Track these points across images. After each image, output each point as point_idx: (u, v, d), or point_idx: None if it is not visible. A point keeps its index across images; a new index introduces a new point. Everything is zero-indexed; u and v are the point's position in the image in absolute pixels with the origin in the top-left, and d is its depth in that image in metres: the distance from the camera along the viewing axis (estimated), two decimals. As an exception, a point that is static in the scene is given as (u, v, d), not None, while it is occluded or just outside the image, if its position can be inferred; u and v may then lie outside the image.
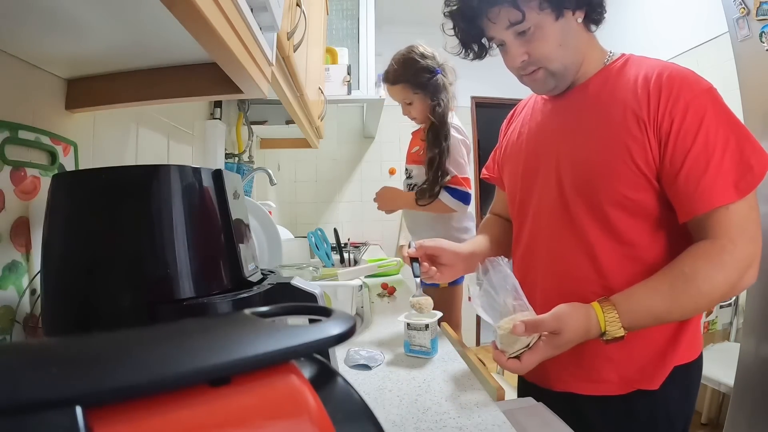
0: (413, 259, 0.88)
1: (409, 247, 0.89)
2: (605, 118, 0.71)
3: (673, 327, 0.72)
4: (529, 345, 0.64)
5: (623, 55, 0.77)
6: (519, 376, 0.90)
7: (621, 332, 0.63)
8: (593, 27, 0.75)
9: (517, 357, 0.64)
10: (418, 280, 0.87)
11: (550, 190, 0.78)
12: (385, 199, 1.67)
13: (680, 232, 0.69)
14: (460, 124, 1.60)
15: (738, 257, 0.63)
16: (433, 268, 0.87)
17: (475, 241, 0.97)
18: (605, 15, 0.74)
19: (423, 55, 1.50)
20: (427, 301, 0.86)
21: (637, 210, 0.70)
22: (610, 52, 0.78)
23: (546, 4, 0.68)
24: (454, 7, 0.76)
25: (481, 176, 1.06)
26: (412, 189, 1.63)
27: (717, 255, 0.63)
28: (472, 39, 0.80)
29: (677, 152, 0.65)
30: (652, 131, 0.66)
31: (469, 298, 0.73)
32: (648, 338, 0.71)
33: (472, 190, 1.57)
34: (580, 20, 0.72)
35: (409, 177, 1.68)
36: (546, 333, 0.64)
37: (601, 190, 0.71)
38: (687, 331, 0.73)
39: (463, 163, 1.54)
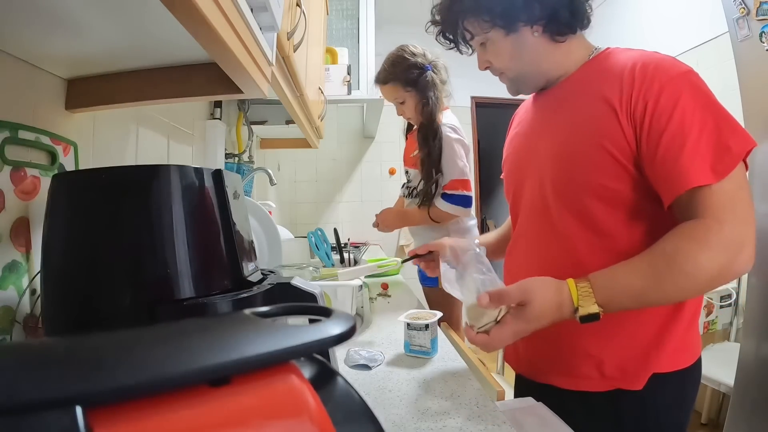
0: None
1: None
2: (578, 108, 0.73)
3: (657, 328, 0.70)
4: (497, 319, 0.62)
5: (607, 49, 0.77)
6: (516, 373, 0.91)
7: (595, 308, 0.60)
8: (558, 38, 0.75)
9: (487, 332, 0.63)
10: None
11: (533, 186, 0.80)
12: (388, 221, 1.67)
13: (660, 223, 0.67)
14: (458, 123, 1.57)
15: (725, 238, 0.59)
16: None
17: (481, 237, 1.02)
18: (572, 26, 0.75)
19: (413, 53, 1.51)
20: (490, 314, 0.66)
21: (615, 199, 0.69)
22: (596, 48, 0.78)
23: (498, 21, 0.75)
24: (437, 18, 0.85)
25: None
26: (411, 192, 1.64)
27: (701, 234, 0.60)
28: (456, 42, 0.86)
29: (652, 134, 0.64)
30: (625, 117, 0.66)
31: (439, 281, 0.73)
32: (629, 337, 0.70)
33: (473, 192, 1.55)
34: (537, 34, 0.75)
35: (408, 181, 1.69)
36: (513, 305, 0.63)
37: (578, 181, 0.71)
38: (673, 336, 0.70)
39: (461, 164, 1.51)
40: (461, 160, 1.51)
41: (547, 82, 0.81)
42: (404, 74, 1.50)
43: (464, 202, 1.50)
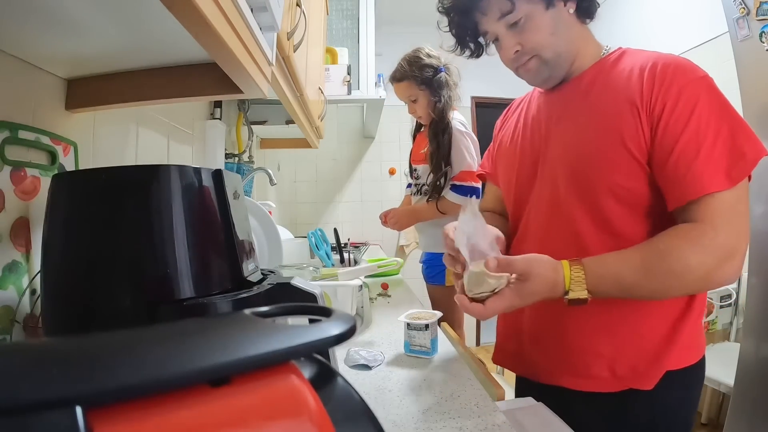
0: None
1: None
2: (597, 105, 0.72)
3: (668, 327, 0.71)
4: (495, 290, 0.63)
5: (620, 48, 0.77)
6: (516, 375, 0.90)
7: (584, 294, 0.62)
8: (587, 19, 0.76)
9: (482, 301, 0.63)
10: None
11: (544, 182, 0.78)
12: (400, 220, 1.70)
13: (670, 222, 0.67)
14: (465, 121, 1.65)
15: (718, 244, 0.61)
16: None
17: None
18: (597, 7, 0.75)
19: (428, 54, 1.59)
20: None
21: (630, 199, 0.69)
22: (607, 47, 0.78)
23: None
24: (448, 3, 0.78)
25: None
26: (420, 189, 1.67)
27: (696, 237, 0.61)
28: (468, 35, 0.81)
29: (668, 136, 0.64)
30: (645, 115, 0.66)
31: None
32: (640, 336, 0.71)
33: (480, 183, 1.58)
34: (572, 11, 0.73)
35: (416, 178, 1.72)
36: (513, 279, 0.63)
37: (594, 179, 0.70)
38: (683, 333, 0.71)
39: (467, 155, 1.56)
40: (470, 153, 1.57)
41: (568, 74, 0.78)
42: (419, 73, 1.57)
43: (473, 193, 1.55)
